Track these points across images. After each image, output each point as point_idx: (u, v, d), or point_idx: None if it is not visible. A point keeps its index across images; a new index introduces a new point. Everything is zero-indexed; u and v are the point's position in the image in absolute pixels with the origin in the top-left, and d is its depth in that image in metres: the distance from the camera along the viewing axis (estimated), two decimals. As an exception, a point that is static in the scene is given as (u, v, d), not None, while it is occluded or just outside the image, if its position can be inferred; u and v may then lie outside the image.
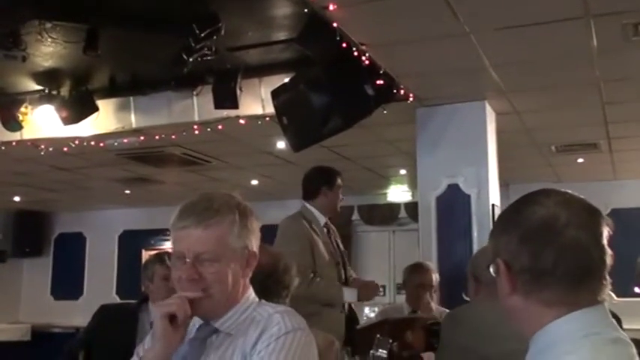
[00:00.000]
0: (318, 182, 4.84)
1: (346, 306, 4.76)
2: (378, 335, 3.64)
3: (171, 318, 1.80)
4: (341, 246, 4.89)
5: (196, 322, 1.95)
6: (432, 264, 5.56)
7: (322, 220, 4.82)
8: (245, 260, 1.92)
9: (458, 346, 2.63)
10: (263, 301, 2.00)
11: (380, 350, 3.56)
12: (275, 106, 5.42)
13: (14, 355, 11.47)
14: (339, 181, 4.84)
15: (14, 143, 7.05)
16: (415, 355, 3.81)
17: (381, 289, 11.35)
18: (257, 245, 1.97)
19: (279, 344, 1.79)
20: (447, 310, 4.70)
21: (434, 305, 5.24)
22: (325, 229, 4.82)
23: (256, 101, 6.03)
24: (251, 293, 1.98)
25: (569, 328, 1.33)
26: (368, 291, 4.79)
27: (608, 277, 1.39)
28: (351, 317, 4.78)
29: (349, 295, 4.66)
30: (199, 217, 1.85)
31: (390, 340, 3.64)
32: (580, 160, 8.53)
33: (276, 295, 2.74)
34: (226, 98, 5.83)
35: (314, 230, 4.70)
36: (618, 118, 6.62)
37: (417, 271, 5.17)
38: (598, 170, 9.00)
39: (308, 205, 4.80)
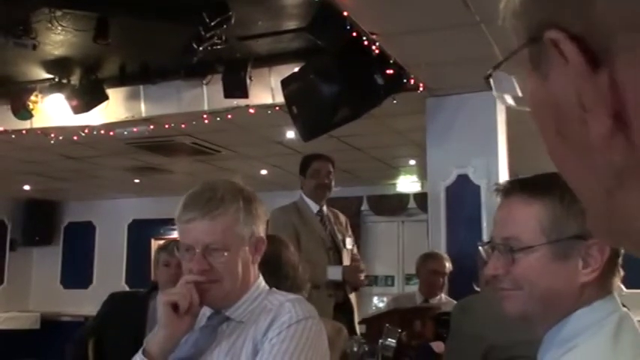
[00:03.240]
0: (299, 172, 4.94)
1: (347, 295, 4.79)
2: (388, 324, 3.64)
3: (175, 306, 1.81)
4: (337, 234, 4.90)
5: (207, 310, 1.96)
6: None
7: (315, 207, 4.89)
8: (253, 246, 1.93)
9: (467, 335, 2.62)
10: (274, 289, 2.00)
11: (389, 339, 3.56)
12: (285, 96, 5.42)
13: (24, 343, 11.52)
14: (311, 167, 4.86)
15: (24, 132, 7.07)
16: (424, 345, 3.81)
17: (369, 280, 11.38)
18: (264, 230, 1.98)
19: (290, 332, 1.79)
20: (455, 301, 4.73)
21: (443, 296, 5.28)
22: (319, 217, 4.87)
23: (266, 90, 6.03)
24: (261, 281, 1.98)
25: (599, 312, 1.34)
26: (352, 271, 4.78)
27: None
28: (346, 306, 4.78)
29: (333, 272, 4.67)
30: (204, 209, 1.85)
31: (399, 330, 3.64)
32: (590, 152, 8.49)
33: (283, 278, 2.75)
34: (236, 87, 5.84)
35: (302, 218, 4.80)
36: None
37: (431, 257, 5.28)
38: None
39: (302, 194, 4.92)
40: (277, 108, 6.09)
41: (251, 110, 6.20)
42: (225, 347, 1.84)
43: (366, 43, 4.80)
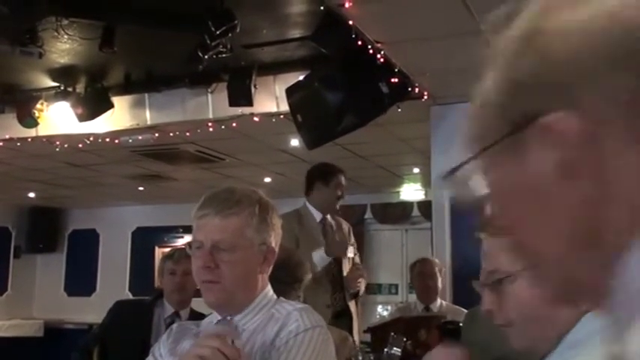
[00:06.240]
0: (313, 177, 4.87)
1: (347, 303, 4.78)
2: (393, 333, 3.64)
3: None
4: None
5: (214, 317, 1.95)
6: (444, 261, 5.62)
7: (318, 216, 4.84)
8: (262, 255, 1.92)
9: (477, 344, 2.61)
10: (281, 298, 2.00)
11: (394, 348, 3.55)
12: (289, 104, 5.43)
13: (27, 350, 11.52)
14: (337, 178, 4.79)
15: (30, 139, 7.09)
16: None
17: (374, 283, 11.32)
18: (277, 242, 1.97)
19: (297, 341, 1.79)
20: (460, 309, 4.72)
21: (444, 302, 5.29)
22: (321, 225, 4.84)
23: (271, 99, 6.04)
24: (269, 290, 1.98)
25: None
26: (334, 245, 4.69)
27: None
28: (345, 314, 4.76)
29: (318, 257, 4.58)
30: (219, 207, 1.88)
31: (405, 339, 3.64)
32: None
33: (289, 286, 2.75)
34: (241, 96, 5.84)
35: (303, 226, 4.74)
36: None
37: (418, 262, 5.39)
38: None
39: (306, 202, 4.87)
40: (282, 116, 6.09)
41: (255, 118, 6.21)
42: None
43: (371, 51, 4.81)
